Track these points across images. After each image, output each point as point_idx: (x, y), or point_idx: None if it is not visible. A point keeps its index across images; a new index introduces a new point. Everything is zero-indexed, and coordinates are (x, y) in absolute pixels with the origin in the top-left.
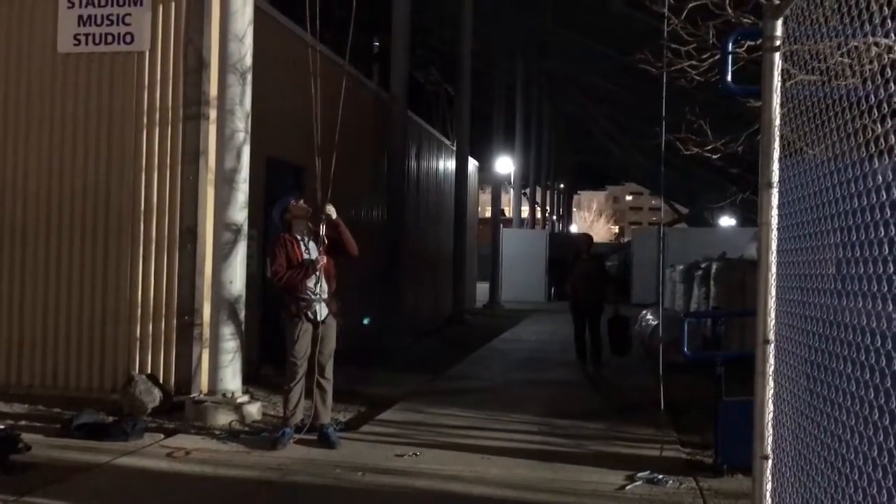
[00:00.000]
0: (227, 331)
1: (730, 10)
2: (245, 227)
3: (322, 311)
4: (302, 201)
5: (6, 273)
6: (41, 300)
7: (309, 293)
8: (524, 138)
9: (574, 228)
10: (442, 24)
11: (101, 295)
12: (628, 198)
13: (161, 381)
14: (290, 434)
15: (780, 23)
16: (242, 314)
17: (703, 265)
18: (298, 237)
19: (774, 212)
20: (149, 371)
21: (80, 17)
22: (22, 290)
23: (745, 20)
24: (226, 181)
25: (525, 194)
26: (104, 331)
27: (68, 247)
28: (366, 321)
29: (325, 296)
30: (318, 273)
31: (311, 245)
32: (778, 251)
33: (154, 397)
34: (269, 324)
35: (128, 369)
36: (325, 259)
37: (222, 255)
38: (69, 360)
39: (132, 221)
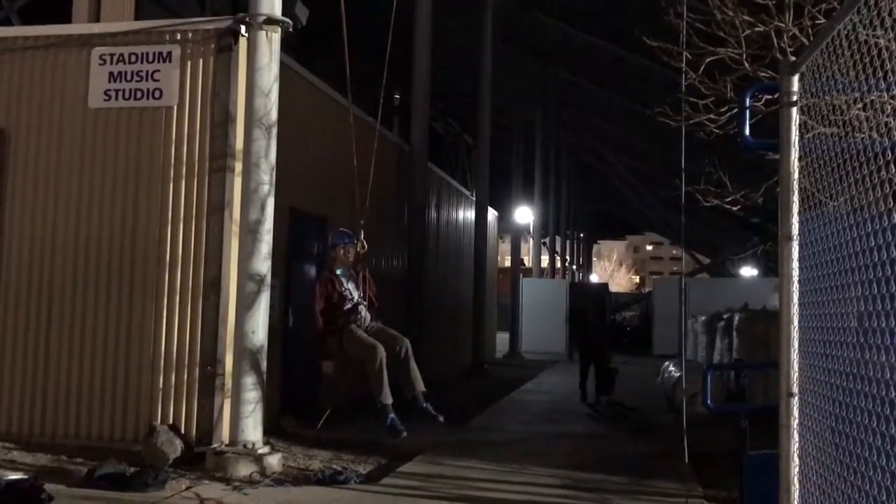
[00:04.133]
0: (249, 381)
1: (747, 65)
2: (268, 278)
3: (367, 317)
4: (358, 245)
5: (32, 322)
6: (65, 350)
7: (349, 304)
8: (543, 188)
9: (594, 278)
10: (461, 75)
11: (125, 345)
12: (648, 247)
13: (182, 431)
14: (396, 420)
15: (796, 78)
16: (264, 364)
17: (725, 316)
18: (339, 274)
19: (795, 264)
20: (170, 421)
21: (111, 73)
22: (47, 339)
23: (763, 74)
24: (250, 232)
25: (545, 244)
26: (127, 381)
27: (93, 297)
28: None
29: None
30: (361, 311)
31: (351, 284)
32: (800, 304)
33: (175, 448)
34: (290, 374)
35: (150, 419)
36: (364, 294)
37: (245, 305)
38: (92, 410)
39: (157, 272)
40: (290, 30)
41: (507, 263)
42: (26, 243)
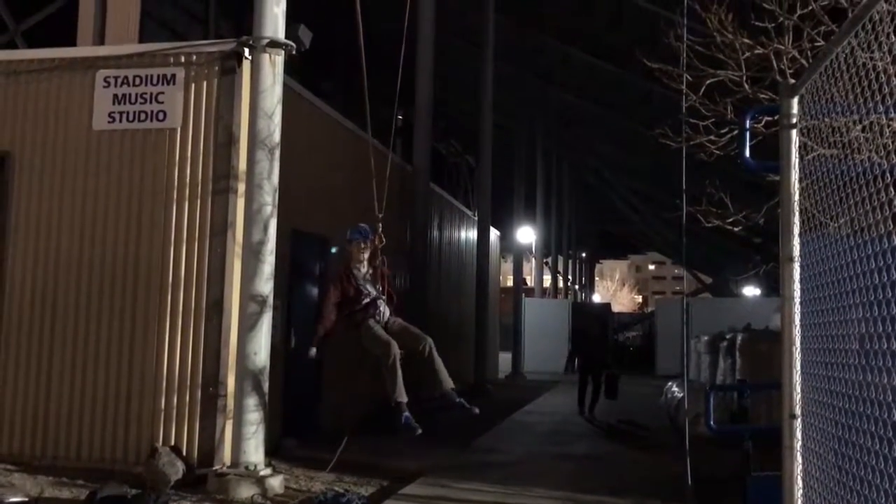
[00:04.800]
0: (251, 402)
1: (747, 87)
2: (270, 299)
3: (385, 312)
4: (376, 239)
5: (35, 344)
6: (67, 371)
7: (367, 299)
8: (545, 207)
9: (597, 298)
10: (463, 96)
11: (127, 366)
12: (651, 267)
13: (184, 453)
14: (410, 418)
15: (795, 101)
16: (266, 386)
17: (728, 336)
18: (355, 271)
19: (797, 285)
20: (172, 443)
21: (116, 95)
22: (49, 361)
23: (762, 96)
24: (252, 253)
25: (547, 264)
26: (129, 402)
27: (96, 318)
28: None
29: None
30: (380, 306)
31: (368, 279)
32: (802, 325)
33: (177, 470)
34: (291, 396)
35: (151, 441)
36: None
37: (247, 326)
38: (93, 431)
39: (160, 293)
40: (294, 52)
41: (510, 283)
42: (30, 265)
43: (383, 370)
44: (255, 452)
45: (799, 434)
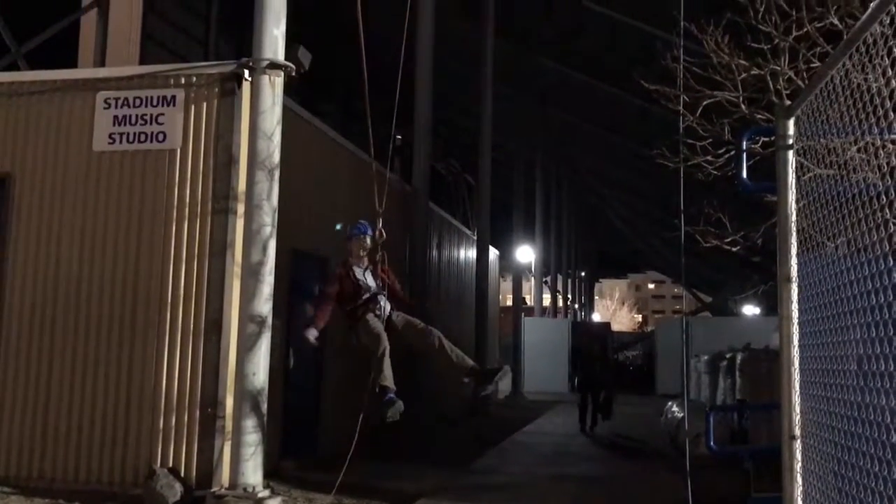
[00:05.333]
0: (250, 423)
1: (744, 108)
2: (269, 319)
3: (386, 307)
4: (377, 233)
5: (33, 364)
6: (66, 392)
7: (366, 294)
8: (544, 226)
9: (596, 317)
10: (462, 116)
11: (126, 387)
12: (650, 286)
13: (182, 474)
14: (394, 398)
15: (791, 122)
16: (265, 406)
17: (727, 356)
18: (355, 267)
19: (794, 306)
20: (170, 464)
21: (116, 117)
22: (48, 381)
23: (759, 116)
24: (252, 273)
25: (546, 283)
26: (127, 423)
27: (95, 338)
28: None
29: (384, 302)
30: (380, 300)
31: (368, 275)
32: (800, 345)
33: (175, 492)
34: (290, 417)
35: (149, 463)
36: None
37: (246, 346)
38: (91, 453)
39: (159, 314)
40: (293, 74)
41: (509, 302)
42: (29, 285)
43: (372, 361)
44: (253, 474)
45: (799, 455)
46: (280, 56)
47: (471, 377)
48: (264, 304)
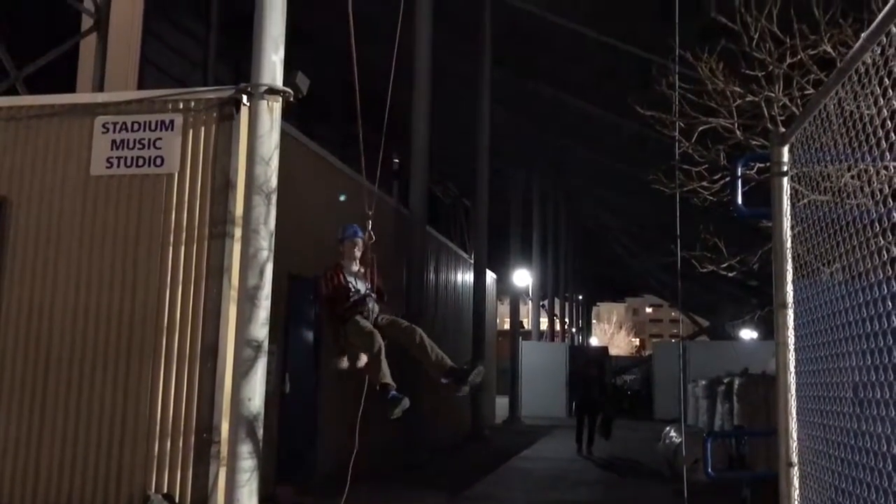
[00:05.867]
0: (245, 449)
1: (739, 134)
2: (265, 344)
3: (374, 309)
4: (366, 236)
5: (28, 390)
6: (60, 417)
7: (355, 296)
8: (541, 250)
9: (594, 340)
10: (459, 140)
11: (121, 412)
12: (648, 310)
13: (177, 500)
14: (399, 395)
15: (786, 149)
16: (261, 432)
17: (725, 381)
18: (344, 268)
19: (790, 332)
20: (165, 490)
21: (114, 141)
22: (42, 406)
23: (755, 142)
24: (248, 298)
25: (544, 306)
26: (122, 449)
27: (90, 363)
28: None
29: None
30: (368, 303)
31: (359, 278)
32: (797, 372)
33: None
34: (286, 442)
35: (144, 489)
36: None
37: (242, 371)
38: (86, 478)
39: (155, 338)
40: (291, 99)
41: (507, 326)
42: (24, 309)
43: (368, 360)
44: (248, 500)
45: (796, 482)
46: (278, 82)
47: (449, 378)
48: (260, 329)
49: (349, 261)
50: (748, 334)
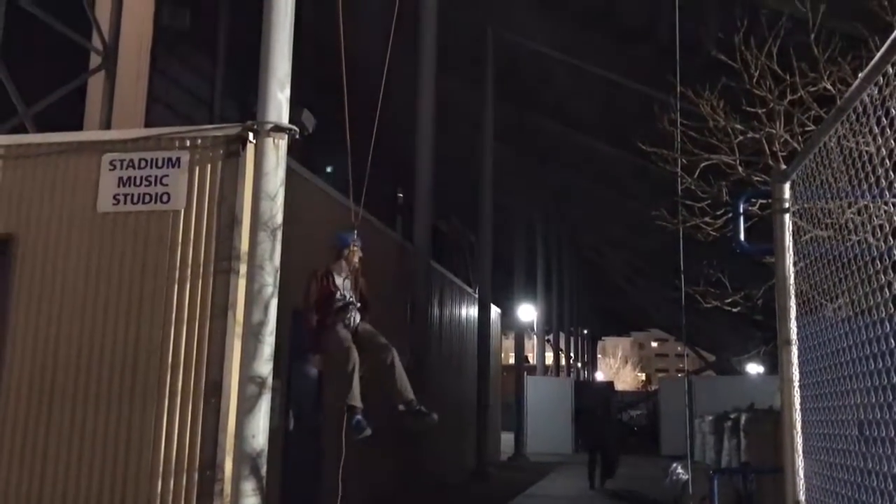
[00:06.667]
0: (249, 487)
1: (741, 170)
2: (269, 380)
3: (356, 318)
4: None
5: (31, 427)
6: (63, 455)
7: (339, 303)
8: (546, 284)
9: (599, 375)
10: (463, 174)
11: (125, 449)
12: (654, 344)
13: None
14: (363, 424)
15: (787, 186)
16: (264, 469)
17: (732, 416)
18: (335, 274)
19: (795, 368)
20: None
21: (121, 178)
22: (45, 444)
23: (756, 179)
24: (253, 334)
25: (549, 341)
26: (125, 487)
27: (94, 400)
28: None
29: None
30: (351, 310)
31: (347, 284)
32: (802, 409)
33: None
34: (289, 479)
35: None
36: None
37: (246, 408)
38: None
39: (159, 374)
40: (297, 136)
41: (511, 360)
42: (29, 345)
43: (341, 376)
44: None
45: None
46: (284, 119)
47: (405, 409)
48: (265, 365)
49: (338, 267)
50: (754, 369)
